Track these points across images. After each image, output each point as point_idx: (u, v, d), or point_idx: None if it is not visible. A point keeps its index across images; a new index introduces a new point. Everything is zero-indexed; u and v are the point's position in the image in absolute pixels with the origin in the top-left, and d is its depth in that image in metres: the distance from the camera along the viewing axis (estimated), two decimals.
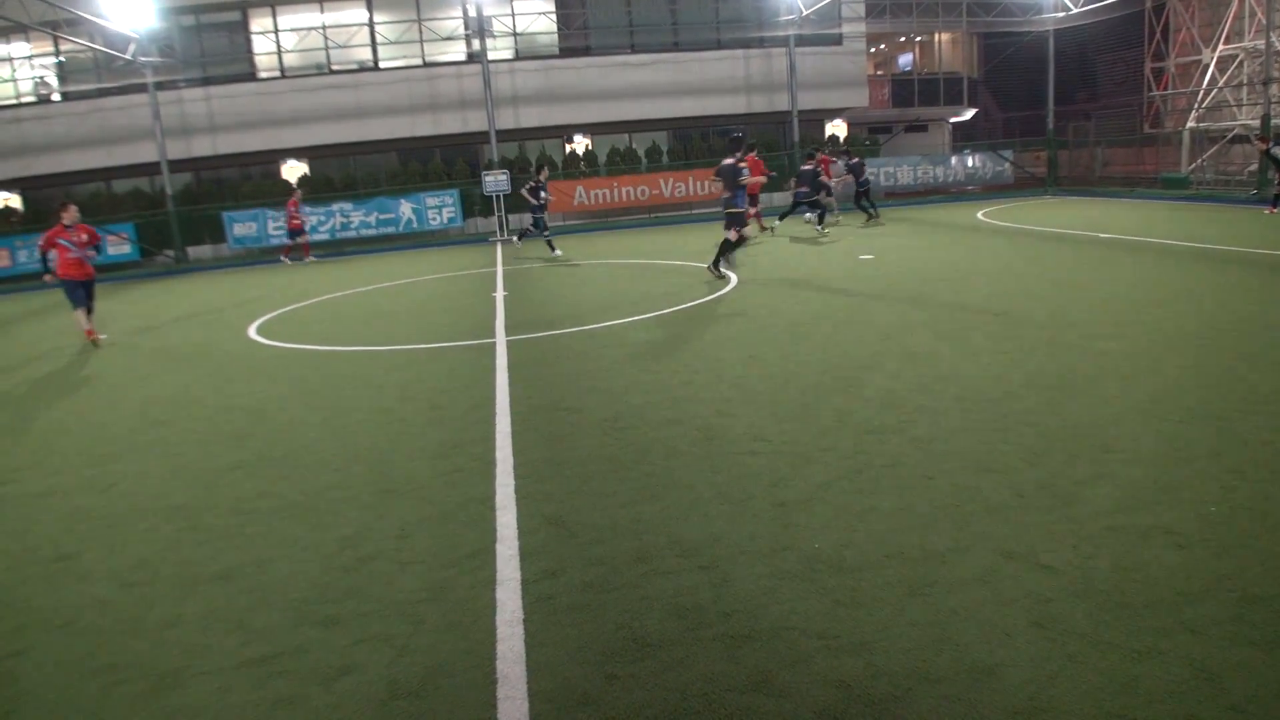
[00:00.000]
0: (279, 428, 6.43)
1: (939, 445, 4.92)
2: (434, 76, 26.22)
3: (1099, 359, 6.55)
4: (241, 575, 3.95)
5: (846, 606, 3.26)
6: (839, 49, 28.37)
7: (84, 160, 25.16)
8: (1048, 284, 10.07)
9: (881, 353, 7.24)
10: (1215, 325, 7.40)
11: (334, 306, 13.10)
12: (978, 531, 3.80)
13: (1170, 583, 3.26)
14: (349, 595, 3.67)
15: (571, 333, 9.22)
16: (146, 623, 3.58)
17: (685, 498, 4.43)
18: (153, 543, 4.42)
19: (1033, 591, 3.26)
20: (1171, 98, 28.29)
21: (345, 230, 24.51)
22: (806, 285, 11.36)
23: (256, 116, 25.48)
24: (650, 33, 27.58)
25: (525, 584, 3.63)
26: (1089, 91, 40.52)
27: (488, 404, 6.56)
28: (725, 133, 29.05)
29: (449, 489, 4.83)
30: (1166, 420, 5.07)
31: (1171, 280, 9.79)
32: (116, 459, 5.99)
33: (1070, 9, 27.12)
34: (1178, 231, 14.48)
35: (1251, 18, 24.72)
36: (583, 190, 25.86)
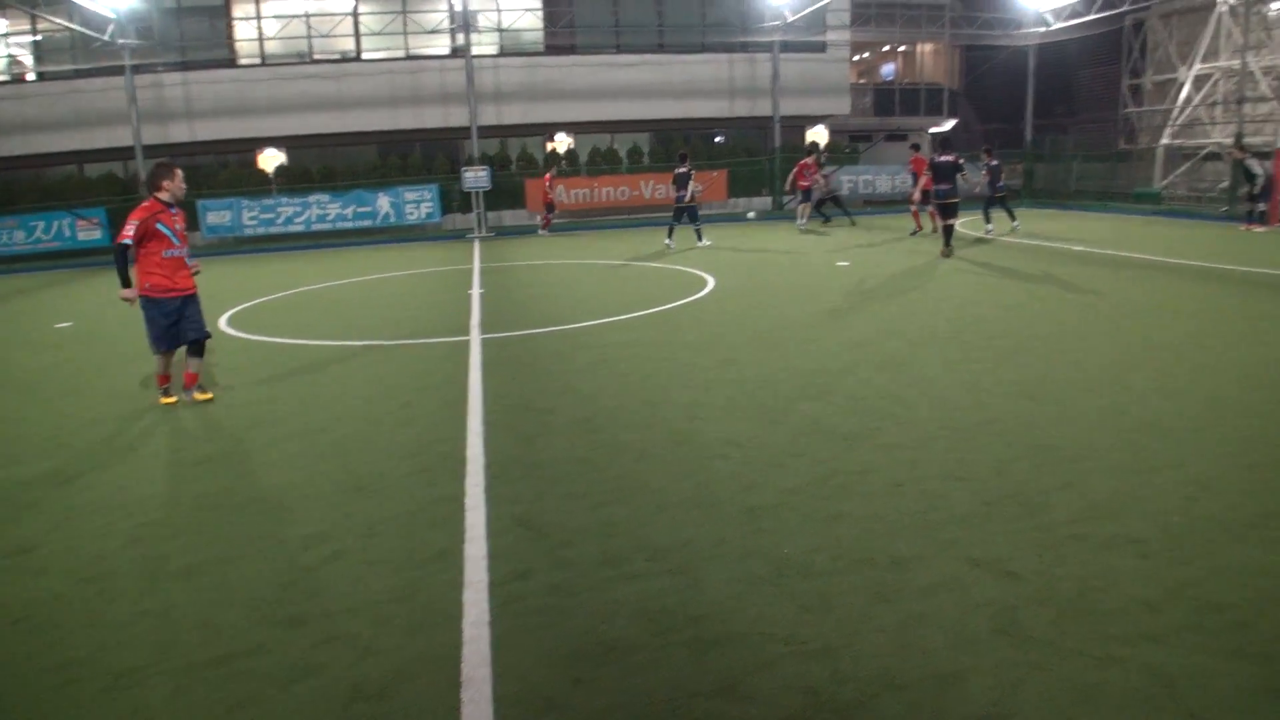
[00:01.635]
0: (247, 422, 6.35)
1: (908, 453, 4.94)
2: (417, 70, 26.05)
3: (1068, 370, 6.61)
4: (203, 572, 3.89)
5: (814, 612, 3.27)
6: (823, 56, 28.51)
7: (57, 142, 24.76)
8: (1021, 294, 10.17)
9: (854, 360, 7.28)
10: (1180, 338, 7.51)
11: (308, 299, 12.97)
12: (945, 539, 3.82)
13: (1132, 591, 3.29)
14: (313, 594, 3.62)
15: (547, 333, 9.19)
16: (104, 619, 3.52)
17: (655, 501, 4.42)
18: (112, 537, 4.35)
19: (998, 599, 3.28)
20: (1147, 114, 28.67)
21: (321, 222, 24.28)
22: (781, 291, 11.40)
23: (235, 103, 25.19)
24: (636, 33, 27.57)
25: (493, 586, 3.61)
26: (1067, 106, 40.98)
27: (460, 402, 6.52)
28: (707, 136, 29.15)
29: (418, 488, 4.80)
30: (1131, 431, 5.13)
31: (1140, 293, 9.91)
32: (76, 451, 5.89)
33: (1050, 24, 27.44)
34: (1149, 245, 14.68)
35: (1228, 37, 25.12)
36: (563, 189, 25.78)
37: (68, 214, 22.95)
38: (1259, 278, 10.90)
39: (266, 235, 23.98)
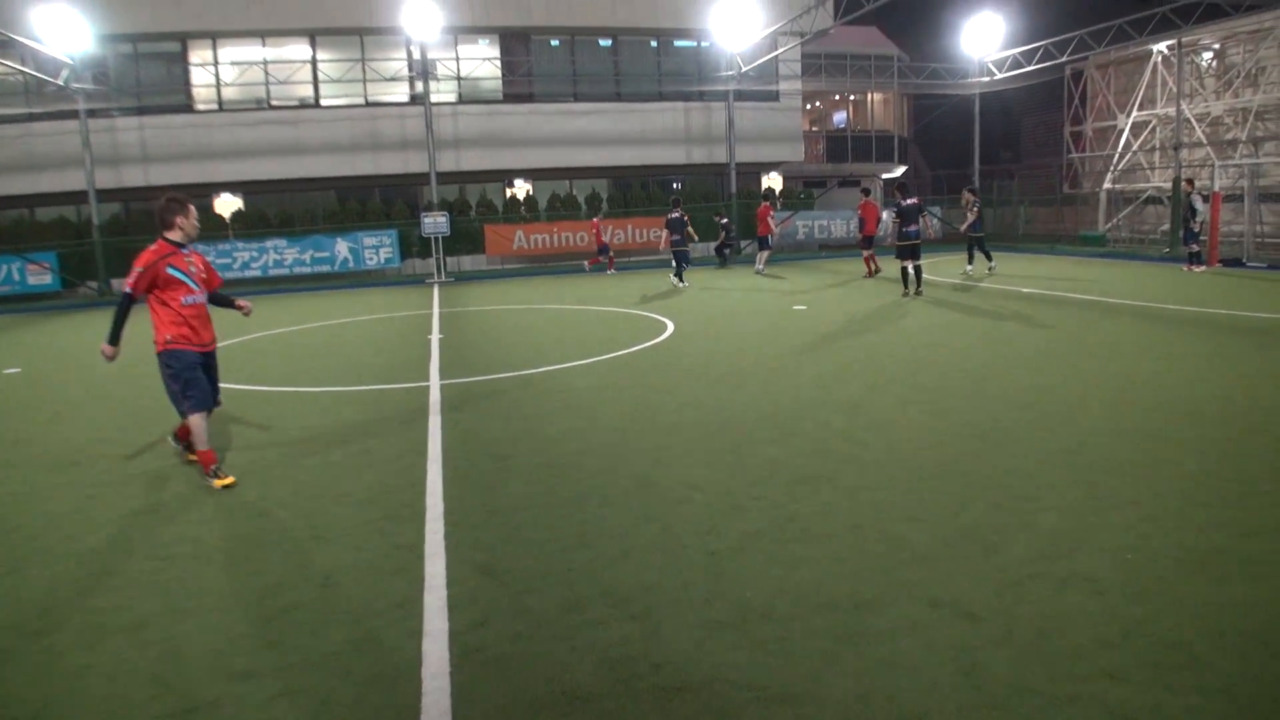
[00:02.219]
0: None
1: (868, 494, 4.99)
2: (376, 116, 26.14)
3: (1021, 410, 6.74)
4: (155, 625, 3.78)
5: (777, 657, 3.26)
6: (776, 105, 29.16)
7: (7, 186, 24.32)
8: (974, 336, 10.38)
9: (813, 402, 7.35)
10: (1132, 378, 7.70)
11: (264, 345, 12.80)
12: (905, 580, 3.85)
13: (1090, 629, 3.34)
14: (269, 647, 3.54)
15: (507, 377, 9.16)
16: (50, 675, 3.40)
17: (618, 546, 4.40)
18: (60, 589, 4.21)
19: (958, 640, 3.31)
20: (1089, 160, 29.67)
21: (278, 267, 24.07)
22: (741, 334, 11.51)
23: (191, 148, 25.01)
24: (593, 82, 27.99)
25: (453, 635, 3.55)
26: (1013, 152, 42.27)
27: (419, 449, 6.45)
28: (665, 183, 29.54)
29: (376, 536, 4.72)
30: (1085, 470, 5.23)
31: (1090, 333, 10.17)
32: (24, 498, 5.72)
33: (994, 74, 28.40)
34: (1097, 286, 15.09)
35: (1163, 86, 26.18)
36: (522, 235, 25.91)
37: (18, 258, 22.49)
38: (1201, 317, 11.25)
39: (222, 280, 23.61)
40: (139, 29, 24.61)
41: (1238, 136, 24.58)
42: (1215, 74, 25.94)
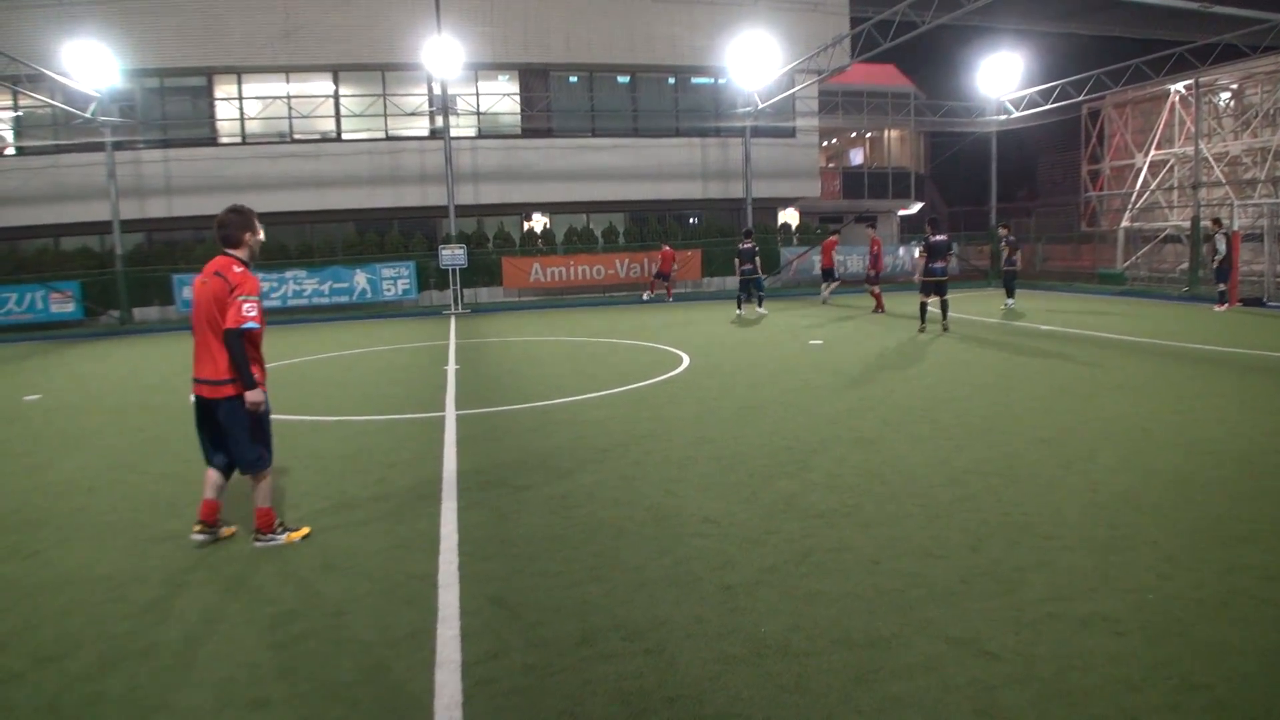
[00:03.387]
0: None
1: (885, 530, 4.95)
2: (396, 150, 26.49)
3: (1039, 447, 6.69)
4: (167, 652, 3.78)
5: (792, 693, 3.22)
6: (793, 141, 29.36)
7: (34, 216, 24.74)
8: (990, 373, 10.33)
9: (829, 437, 7.32)
10: (1152, 417, 7.63)
11: (282, 374, 12.89)
12: (923, 617, 3.80)
13: (1110, 670, 3.29)
14: (280, 675, 3.53)
15: (522, 409, 9.18)
16: (63, 701, 3.40)
17: (632, 579, 4.37)
18: (74, 615, 4.23)
19: (977, 679, 3.26)
20: (1107, 198, 29.66)
21: (298, 298, 24.31)
22: (756, 369, 11.50)
23: (215, 181, 25.38)
24: (611, 118, 28.29)
25: (466, 666, 3.53)
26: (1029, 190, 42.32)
27: (434, 479, 6.46)
28: (681, 217, 29.73)
29: (390, 565, 4.72)
30: (1104, 508, 5.18)
31: (1108, 371, 10.10)
32: (40, 525, 5.75)
33: (1012, 112, 28.51)
34: (1115, 325, 15.02)
35: (1181, 126, 26.21)
36: (539, 267, 26.08)
37: (42, 287, 22.82)
38: (1222, 356, 11.16)
39: None
40: (165, 64, 25.13)
41: (1257, 176, 24.54)
42: (1233, 114, 25.97)
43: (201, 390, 5.02)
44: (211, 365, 4.95)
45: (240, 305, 4.85)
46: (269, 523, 5.14)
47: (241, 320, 4.85)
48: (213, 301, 4.90)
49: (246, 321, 4.87)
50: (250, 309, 4.89)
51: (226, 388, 4.94)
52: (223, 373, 4.93)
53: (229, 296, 4.87)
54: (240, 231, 5.08)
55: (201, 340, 4.99)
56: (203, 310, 4.96)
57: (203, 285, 4.97)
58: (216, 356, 4.93)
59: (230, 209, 5.13)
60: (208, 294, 4.93)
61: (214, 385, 4.95)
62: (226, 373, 4.92)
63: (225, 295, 4.88)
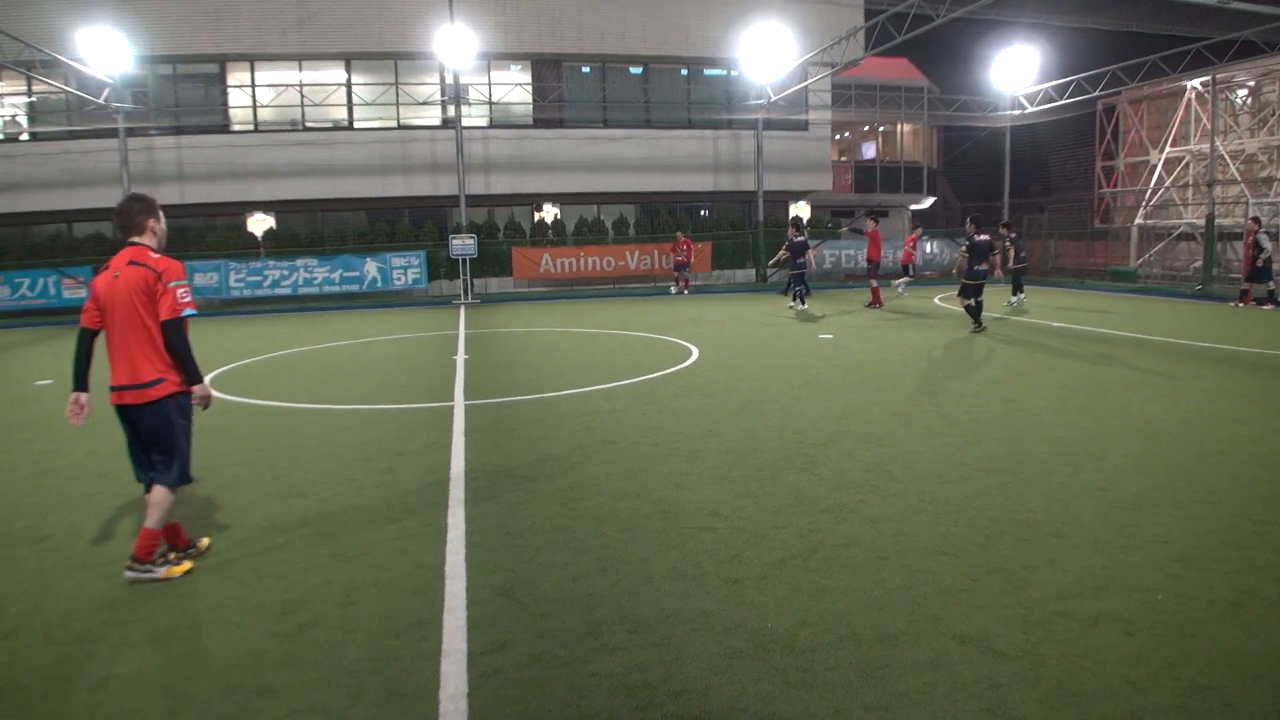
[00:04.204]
0: (224, 485, 6.26)
1: (893, 526, 4.93)
2: (408, 139, 26.49)
3: (1050, 445, 6.66)
4: (175, 638, 3.80)
5: (798, 688, 3.21)
6: (805, 134, 29.25)
7: (46, 201, 24.86)
8: (1001, 370, 10.28)
9: (838, 432, 7.30)
10: (1163, 415, 7.58)
11: (291, 362, 12.93)
12: (930, 614, 3.79)
13: (1119, 670, 3.27)
14: (287, 663, 3.54)
15: (531, 400, 9.18)
16: (73, 684, 3.42)
17: (639, 572, 4.37)
18: (84, 600, 4.25)
19: (984, 677, 3.25)
20: (1121, 195, 29.45)
21: (308, 286, 24.38)
22: (765, 363, 11.47)
23: (226, 168, 25.47)
24: (623, 109, 28.23)
25: (472, 656, 3.53)
26: (1042, 185, 42.06)
27: (442, 469, 6.47)
28: (692, 209, 29.66)
29: (398, 555, 4.72)
30: (1115, 507, 5.15)
31: (1121, 370, 10.04)
32: (52, 509, 5.78)
33: (1026, 108, 28.33)
34: (1127, 323, 14.93)
35: (1197, 122, 25.99)
36: (549, 258, 26.08)
37: (54, 272, 22.94)
38: (1235, 355, 11.07)
39: (253, 298, 24.06)
40: (179, 51, 25.18)
41: (1273, 174, 24.32)
42: (1250, 111, 25.73)
43: (124, 397, 4.44)
44: (134, 367, 4.41)
45: (174, 292, 4.41)
46: (151, 549, 4.43)
47: (179, 308, 4.44)
48: (136, 293, 4.37)
49: (185, 308, 4.46)
50: (185, 294, 4.48)
51: (155, 389, 4.42)
52: (149, 373, 4.42)
53: (157, 284, 4.39)
54: (144, 218, 4.58)
55: (120, 340, 4.41)
56: (121, 306, 4.38)
57: (115, 280, 4.41)
58: (138, 356, 4.41)
59: (130, 196, 4.66)
60: (126, 287, 4.38)
61: (140, 389, 4.42)
62: (155, 372, 4.43)
63: (153, 283, 4.39)
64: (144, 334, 4.40)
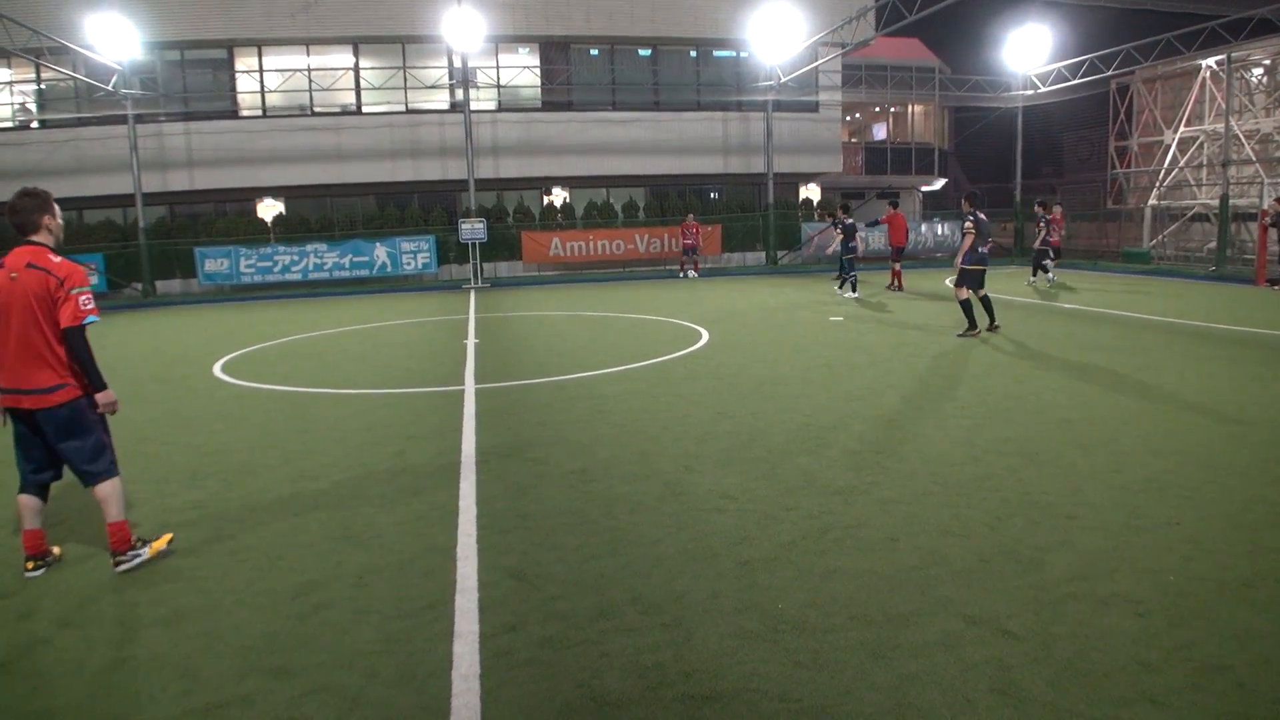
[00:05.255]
0: (237, 468, 6.31)
1: (904, 508, 4.93)
2: (416, 123, 26.43)
3: (1061, 427, 6.63)
4: (189, 620, 3.83)
5: (808, 669, 3.22)
6: (815, 115, 29.05)
7: (57, 188, 24.06)
8: (1012, 352, 10.24)
9: (848, 414, 7.29)
10: (1175, 397, 7.54)
11: (302, 347, 12.97)
12: (941, 595, 3.79)
13: (1130, 651, 3.26)
14: (301, 644, 3.57)
15: (541, 383, 9.19)
16: (88, 666, 3.46)
17: (649, 554, 4.38)
18: (98, 582, 4.29)
19: (995, 657, 3.25)
20: (1134, 175, 29.19)
21: (318, 271, 24.44)
22: (775, 345, 11.45)
23: (236, 154, 25.48)
24: (631, 91, 28.09)
25: (483, 637, 3.56)
26: (1054, 166, 41.74)
27: (453, 452, 6.49)
28: (701, 192, 29.53)
29: (409, 538, 4.75)
30: (1126, 489, 5.13)
31: (1133, 352, 9.98)
32: (63, 494, 5.82)
33: (1038, 87, 28.07)
34: (1140, 304, 14.83)
35: (1211, 102, 25.70)
36: (559, 242, 26.05)
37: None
38: (1248, 337, 10.98)
39: (263, 283, 24.14)
40: (187, 37, 25.15)
41: None
42: (1265, 90, 25.42)
43: (22, 401, 4.27)
44: (35, 371, 4.25)
45: (76, 300, 4.27)
46: (125, 539, 4.47)
47: (81, 315, 4.29)
48: (34, 298, 4.20)
49: (87, 316, 4.32)
50: (87, 301, 4.33)
51: (60, 394, 4.30)
52: (50, 379, 4.28)
53: (58, 290, 4.24)
54: (38, 215, 4.42)
55: (16, 344, 4.22)
56: (18, 311, 4.20)
57: (12, 281, 4.21)
58: (36, 362, 4.24)
59: (22, 192, 4.48)
60: (24, 291, 4.20)
61: (42, 394, 4.26)
62: (56, 378, 4.29)
63: (53, 289, 4.23)
64: (42, 339, 4.26)
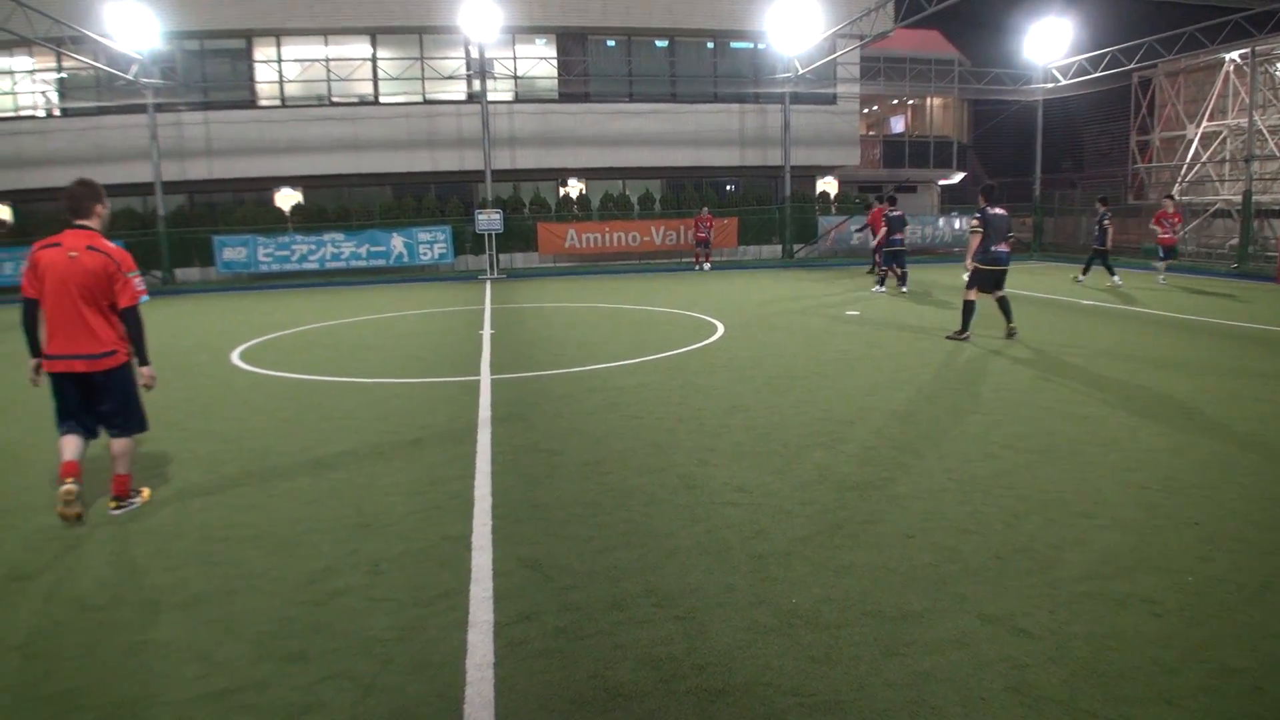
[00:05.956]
0: (254, 455, 6.35)
1: (919, 504, 4.91)
2: (433, 114, 26.48)
3: (1080, 424, 6.58)
4: (206, 605, 3.87)
5: (822, 664, 3.22)
6: (833, 108, 28.88)
7: (77, 176, 25.13)
8: (1031, 348, 10.16)
9: (864, 409, 7.26)
10: (1195, 395, 7.47)
11: (319, 336, 13.04)
12: (956, 593, 3.78)
13: (1147, 651, 3.24)
14: (316, 630, 3.59)
15: (557, 374, 9.20)
16: (105, 649, 3.49)
17: (663, 546, 4.39)
18: (116, 566, 4.34)
19: (1009, 656, 3.23)
20: (1155, 170, 28.89)
21: (335, 260, 24.54)
22: (791, 339, 11.42)
23: (254, 143, 25.60)
24: (648, 83, 28.02)
25: (498, 627, 3.57)
26: (1075, 161, 41.34)
27: (469, 442, 6.51)
28: (718, 184, 29.43)
29: (425, 526, 4.77)
30: (1144, 488, 5.09)
31: (1153, 349, 9.89)
32: (85, 479, 5.88)
33: (1059, 80, 27.79)
34: (1160, 301, 14.69)
35: (1235, 96, 25.39)
36: (575, 233, 26.05)
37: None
38: (1271, 335, 10.86)
39: (281, 272, 24.27)
40: (206, 26, 25.25)
41: None
42: None
43: (76, 365, 4.87)
44: (90, 339, 4.86)
45: (132, 283, 4.94)
46: (127, 488, 5.18)
47: (137, 295, 4.99)
48: (93, 276, 4.80)
49: (141, 296, 5.03)
50: (140, 282, 5.03)
51: (109, 359, 4.93)
52: (106, 345, 4.90)
53: (116, 274, 4.87)
54: (91, 202, 5.00)
55: (74, 314, 4.81)
56: (77, 284, 4.79)
57: (71, 259, 4.80)
58: (94, 330, 4.86)
59: (78, 181, 5.04)
60: (83, 269, 4.79)
61: (95, 359, 4.89)
62: (111, 344, 4.93)
63: (112, 271, 4.85)
64: (96, 312, 4.88)
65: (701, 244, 24.84)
